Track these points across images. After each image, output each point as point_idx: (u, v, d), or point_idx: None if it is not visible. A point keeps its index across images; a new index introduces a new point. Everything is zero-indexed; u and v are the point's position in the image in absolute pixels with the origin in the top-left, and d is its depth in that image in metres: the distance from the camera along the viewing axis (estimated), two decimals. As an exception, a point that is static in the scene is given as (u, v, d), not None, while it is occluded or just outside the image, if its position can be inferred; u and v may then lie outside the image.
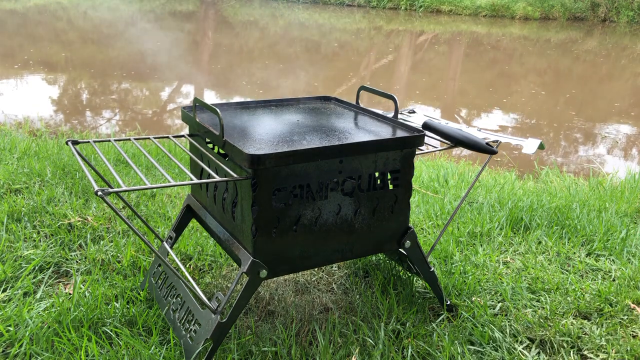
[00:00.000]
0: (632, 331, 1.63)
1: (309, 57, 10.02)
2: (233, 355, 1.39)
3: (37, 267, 1.77)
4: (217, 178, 1.26)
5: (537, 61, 9.69)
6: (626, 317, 1.68)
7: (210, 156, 1.38)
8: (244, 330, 1.52)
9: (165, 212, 2.22)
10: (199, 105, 1.43)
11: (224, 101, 6.06)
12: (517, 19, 14.28)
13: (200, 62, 8.86)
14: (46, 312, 1.53)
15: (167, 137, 1.50)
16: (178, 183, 1.19)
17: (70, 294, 1.65)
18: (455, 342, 1.50)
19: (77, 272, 1.77)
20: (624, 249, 2.12)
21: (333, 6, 15.90)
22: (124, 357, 1.37)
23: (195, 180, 1.24)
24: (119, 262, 1.83)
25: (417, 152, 1.46)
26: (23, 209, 2.13)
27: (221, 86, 7.57)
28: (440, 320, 1.60)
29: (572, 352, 1.53)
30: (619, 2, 13.98)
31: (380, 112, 1.63)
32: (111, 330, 1.47)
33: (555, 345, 1.54)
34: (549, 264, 2.00)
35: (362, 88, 1.66)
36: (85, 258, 1.85)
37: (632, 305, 1.74)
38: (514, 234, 2.24)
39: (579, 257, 2.07)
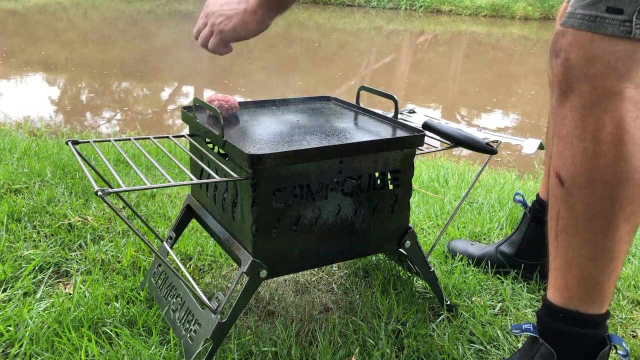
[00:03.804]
0: (632, 331, 1.63)
1: (308, 57, 10.03)
2: (233, 355, 1.39)
3: (37, 267, 1.77)
4: (217, 178, 1.26)
5: (537, 61, 9.69)
6: (626, 317, 1.68)
7: (210, 156, 1.38)
8: (244, 330, 1.52)
9: (165, 212, 2.22)
10: (199, 105, 1.43)
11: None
12: (517, 19, 14.29)
13: (200, 62, 8.86)
14: (46, 312, 1.53)
15: (167, 137, 1.50)
16: (178, 183, 1.19)
17: (70, 294, 1.65)
18: (456, 341, 1.50)
19: (77, 272, 1.77)
20: (624, 249, 2.12)
21: (333, 6, 15.90)
22: (124, 357, 1.37)
23: (195, 180, 1.24)
24: (119, 262, 1.83)
25: (417, 152, 1.46)
26: (23, 209, 2.13)
27: (221, 86, 7.57)
28: (441, 320, 1.60)
29: (572, 352, 1.53)
30: (619, 2, 13.96)
31: (380, 112, 1.63)
32: (111, 330, 1.47)
33: (556, 345, 1.54)
34: (549, 264, 2.00)
35: (362, 88, 1.66)
36: (85, 258, 1.85)
37: (633, 305, 1.74)
38: (514, 234, 2.24)
39: (579, 257, 2.06)
